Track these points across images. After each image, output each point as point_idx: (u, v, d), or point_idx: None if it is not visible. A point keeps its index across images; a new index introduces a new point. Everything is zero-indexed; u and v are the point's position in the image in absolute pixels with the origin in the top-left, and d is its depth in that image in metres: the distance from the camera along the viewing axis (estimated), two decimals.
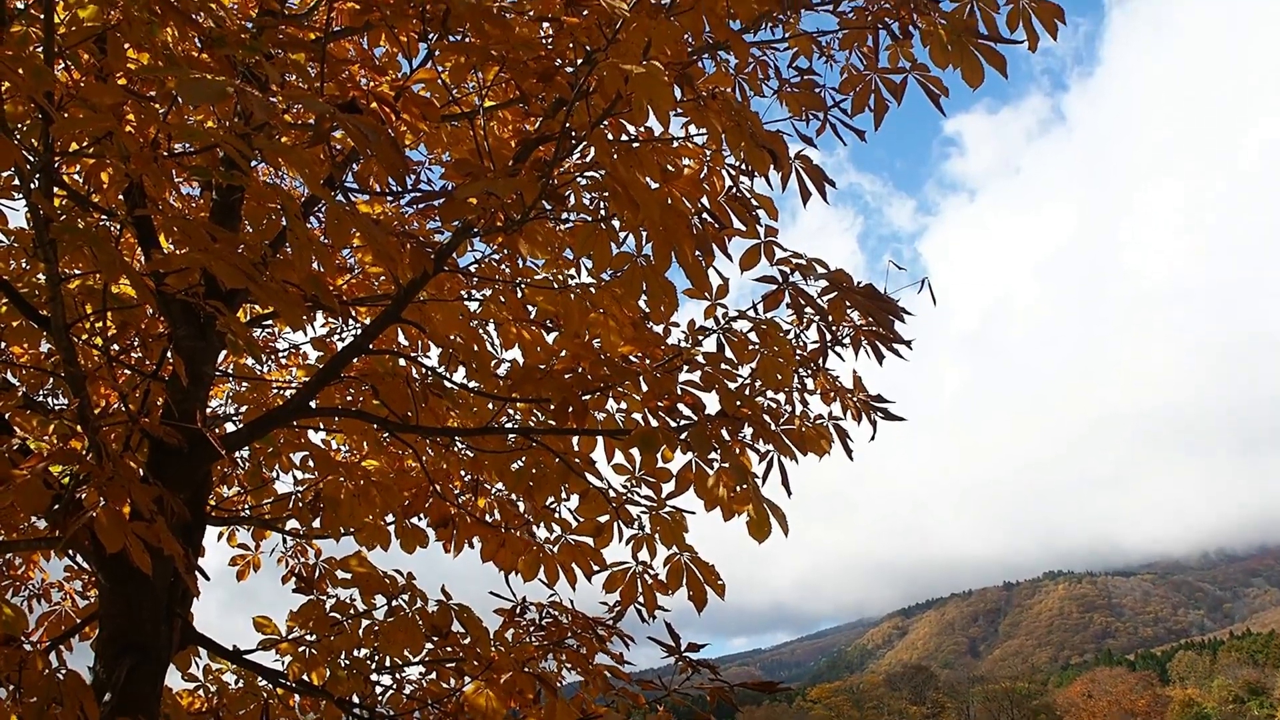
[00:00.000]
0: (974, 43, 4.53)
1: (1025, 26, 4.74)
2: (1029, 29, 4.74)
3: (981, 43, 4.54)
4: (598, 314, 4.62)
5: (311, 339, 6.02)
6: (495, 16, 3.73)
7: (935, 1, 4.58)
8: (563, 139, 3.69)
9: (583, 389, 4.37)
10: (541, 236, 4.49)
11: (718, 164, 4.63)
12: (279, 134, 3.74)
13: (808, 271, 4.39)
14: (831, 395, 4.93)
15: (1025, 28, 4.74)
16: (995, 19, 4.70)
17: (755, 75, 5.14)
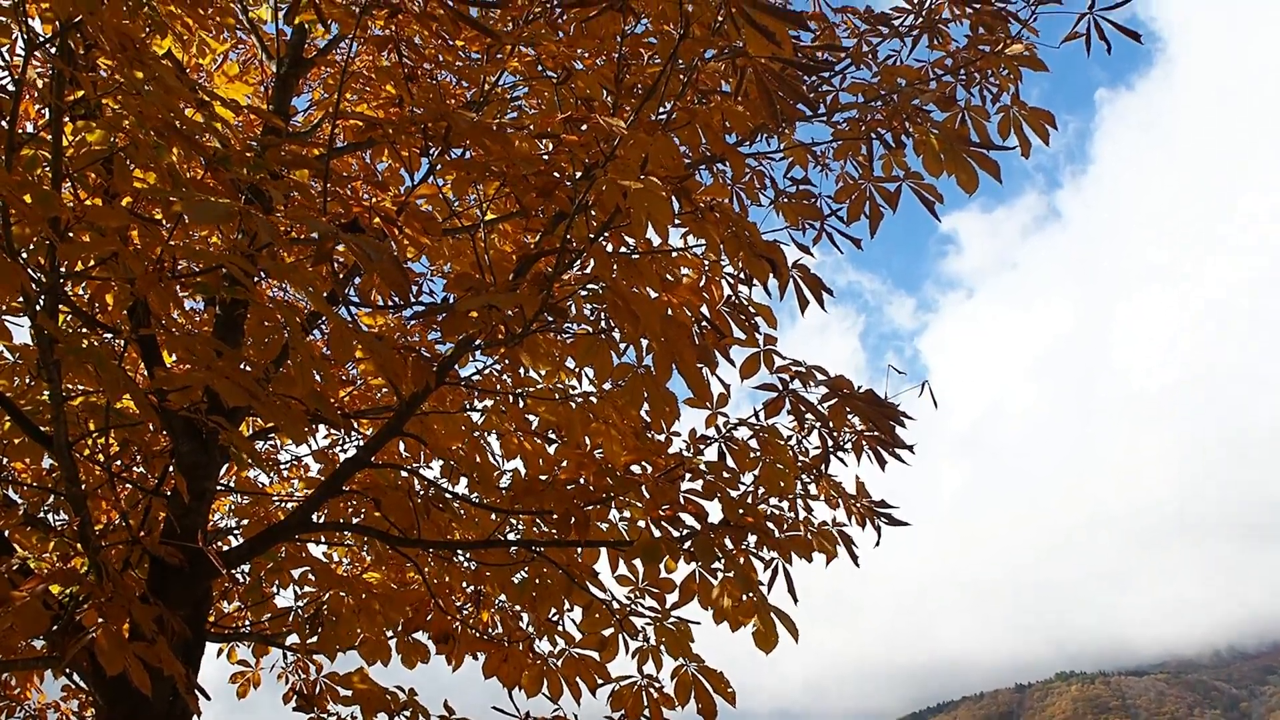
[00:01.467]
0: (967, 150, 4.60)
1: (1017, 133, 4.82)
2: (1020, 136, 4.82)
3: (974, 150, 4.61)
4: (599, 424, 4.63)
5: (313, 451, 6.02)
6: (496, 133, 3.80)
7: (927, 112, 4.65)
8: (563, 252, 3.73)
9: (585, 500, 4.36)
10: (543, 348, 4.52)
11: (716, 273, 4.68)
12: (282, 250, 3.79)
13: (808, 379, 4.41)
14: (835, 501, 4.91)
15: (1017, 134, 4.82)
16: (987, 127, 4.79)
17: (752, 185, 5.22)
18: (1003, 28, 4.80)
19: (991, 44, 4.76)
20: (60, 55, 3.44)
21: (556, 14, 4.78)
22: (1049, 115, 4.79)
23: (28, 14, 3.45)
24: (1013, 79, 4.82)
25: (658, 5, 4.07)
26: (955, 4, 4.88)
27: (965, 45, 4.83)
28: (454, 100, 5.35)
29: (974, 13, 4.82)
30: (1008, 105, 4.77)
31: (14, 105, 3.34)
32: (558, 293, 4.11)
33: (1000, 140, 4.78)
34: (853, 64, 4.90)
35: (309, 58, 5.76)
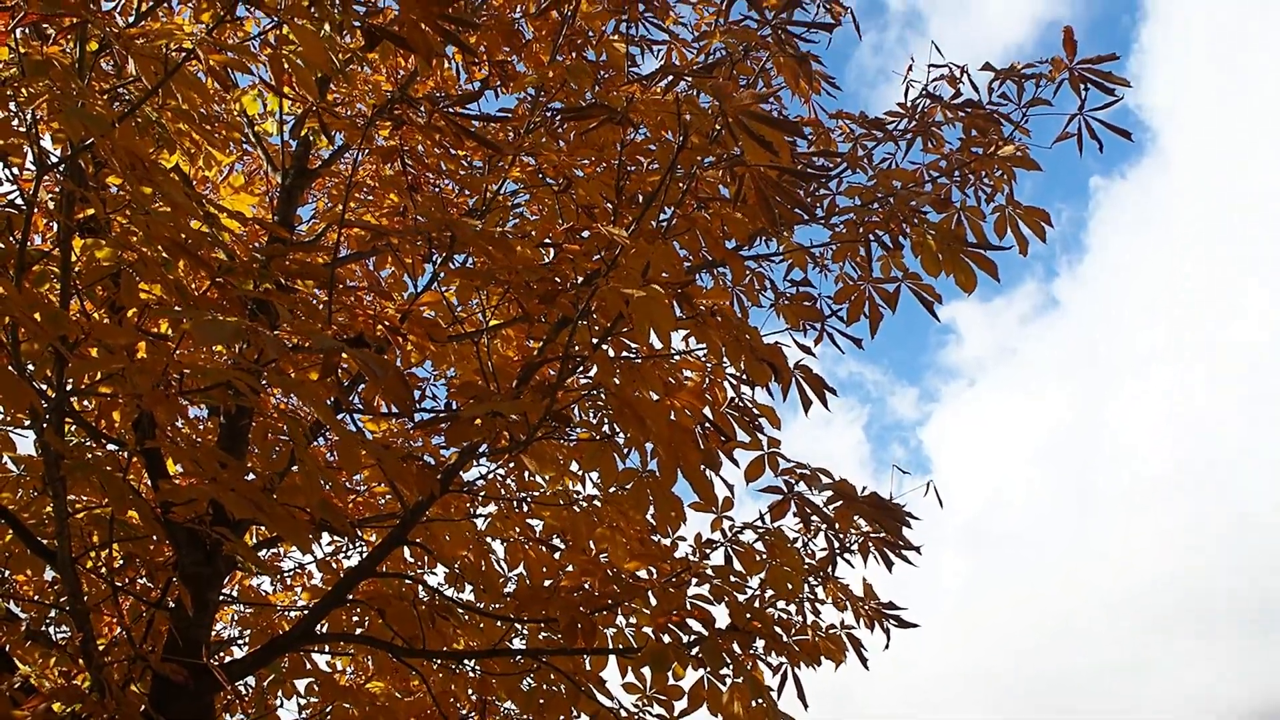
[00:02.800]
0: (964, 251, 4.65)
1: (1014, 232, 4.87)
2: (1017, 234, 4.87)
3: (972, 250, 4.66)
4: (605, 529, 4.62)
5: (317, 560, 5.99)
6: (499, 241, 3.85)
7: (923, 213, 4.71)
8: (566, 359, 3.76)
9: (591, 607, 4.32)
10: (547, 453, 4.52)
11: (719, 376, 4.70)
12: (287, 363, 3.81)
13: (812, 481, 4.41)
14: (843, 603, 4.88)
15: (1014, 233, 4.87)
16: (983, 227, 4.84)
17: (752, 287, 5.27)
18: (995, 129, 4.88)
19: (984, 146, 4.84)
20: (71, 175, 3.50)
21: (556, 124, 4.87)
22: (1044, 213, 4.85)
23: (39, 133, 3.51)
24: (1007, 179, 4.88)
25: (656, 115, 4.14)
26: (947, 108, 4.97)
27: (958, 147, 4.90)
28: (456, 208, 5.42)
29: (966, 116, 4.90)
30: (1003, 205, 4.82)
31: (25, 224, 3.39)
32: (561, 399, 4.13)
33: (997, 239, 4.83)
34: (849, 168, 4.98)
35: (313, 168, 5.86)
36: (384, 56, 5.84)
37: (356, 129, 4.68)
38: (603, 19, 5.26)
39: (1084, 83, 4.54)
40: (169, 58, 3.36)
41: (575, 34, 5.24)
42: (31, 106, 2.98)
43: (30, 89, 2.94)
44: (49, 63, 2.94)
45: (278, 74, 3.84)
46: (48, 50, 3.32)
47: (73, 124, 2.75)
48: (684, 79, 4.20)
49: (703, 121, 3.74)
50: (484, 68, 5.62)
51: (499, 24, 5.26)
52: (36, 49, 3.27)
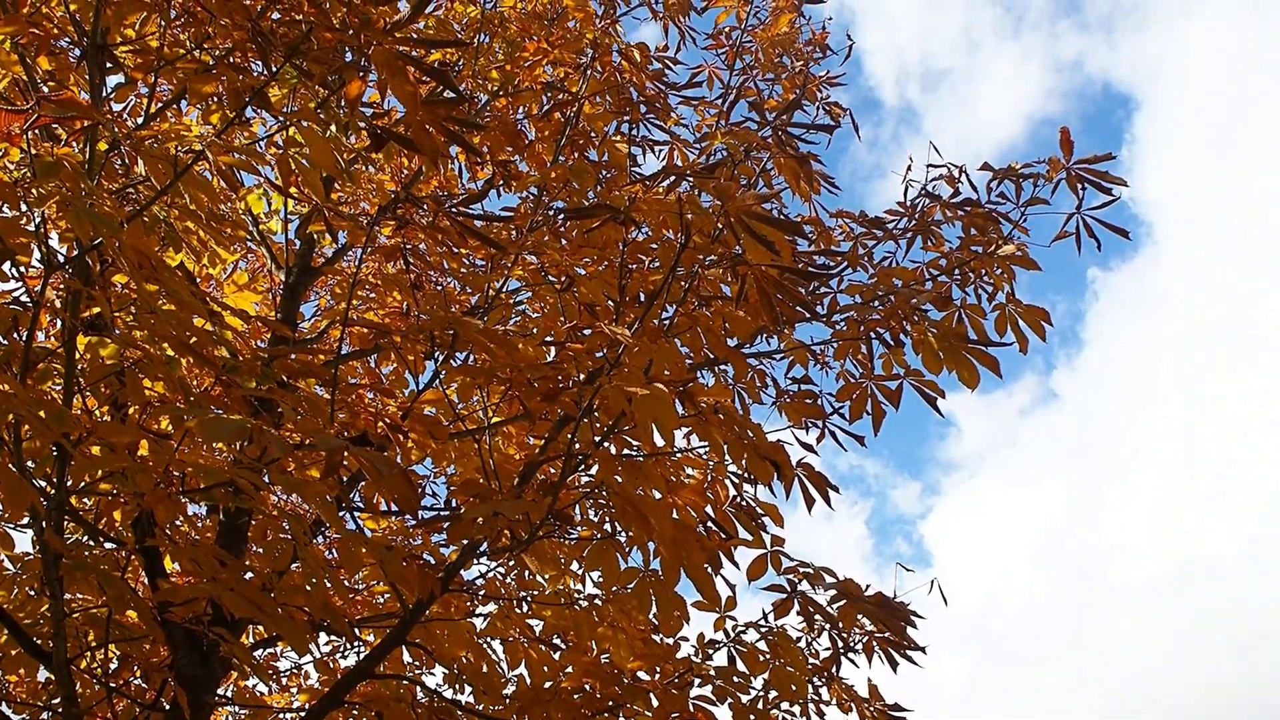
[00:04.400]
0: (966, 348, 4.67)
1: (1014, 330, 4.89)
2: (1017, 332, 4.88)
3: (973, 348, 4.68)
4: (606, 629, 4.57)
5: (314, 660, 5.91)
6: (501, 339, 3.86)
7: (924, 311, 4.74)
8: (568, 457, 3.75)
9: (593, 709, 4.26)
10: (548, 552, 4.49)
11: (721, 473, 4.69)
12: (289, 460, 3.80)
13: (816, 580, 4.38)
14: (848, 705, 4.80)
15: (1014, 331, 4.89)
16: (984, 324, 4.86)
17: (754, 385, 5.28)
18: (994, 228, 4.93)
19: (984, 244, 4.88)
20: (77, 274, 3.53)
21: (559, 223, 4.92)
22: (1044, 312, 4.87)
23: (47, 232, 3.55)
24: (1006, 277, 4.91)
25: (657, 214, 4.18)
26: (946, 207, 5.03)
27: (958, 246, 4.95)
28: (458, 306, 5.45)
29: (965, 215, 4.96)
30: (1003, 303, 4.85)
31: (31, 322, 3.41)
32: (563, 497, 4.11)
33: (998, 336, 4.85)
34: (849, 266, 5.02)
35: (316, 266, 5.90)
36: (388, 157, 5.93)
37: (360, 228, 4.72)
38: (605, 120, 5.35)
39: (1081, 182, 4.60)
40: (178, 158, 3.41)
41: (578, 134, 5.32)
42: (41, 207, 3.01)
43: (40, 189, 2.98)
44: (59, 164, 2.98)
45: (284, 174, 3.89)
46: (58, 151, 3.36)
47: (81, 223, 2.77)
48: (686, 179, 4.26)
49: (704, 221, 3.78)
50: (487, 167, 5.71)
51: (502, 125, 5.35)
52: (48, 150, 3.31)
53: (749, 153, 4.72)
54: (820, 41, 6.13)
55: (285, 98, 5.03)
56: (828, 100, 6.04)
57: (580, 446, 3.82)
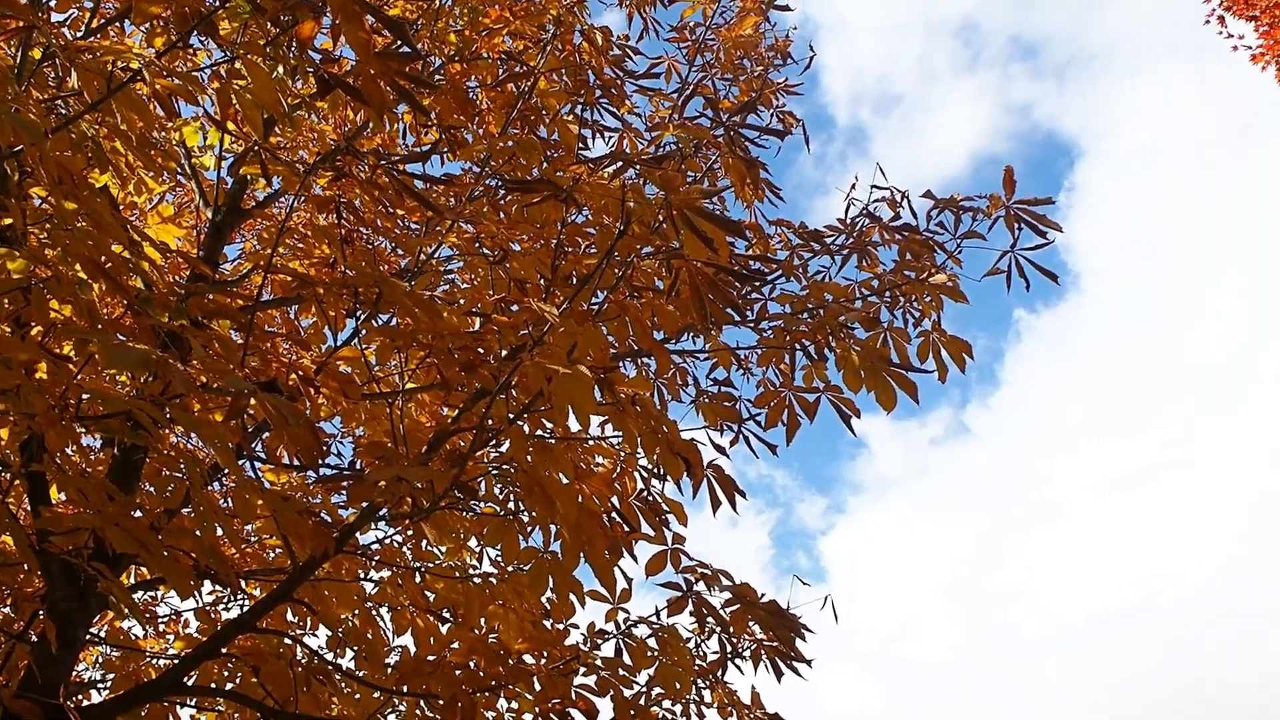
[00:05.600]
0: (887, 370, 4.68)
1: (935, 358, 4.92)
2: (939, 361, 4.92)
3: (894, 370, 4.69)
4: (498, 607, 4.52)
5: (196, 608, 5.78)
6: (427, 304, 3.79)
7: (851, 329, 4.75)
8: (480, 431, 3.70)
9: (474, 686, 4.21)
10: (449, 524, 4.43)
11: (631, 465, 4.66)
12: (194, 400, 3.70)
13: (712, 581, 4.37)
14: (729, 709, 4.81)
15: (935, 359, 4.92)
16: (907, 349, 4.89)
17: (675, 382, 5.26)
18: (929, 256, 4.96)
19: (917, 270, 4.91)
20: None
21: (500, 196, 4.86)
22: (967, 345, 4.91)
23: None
24: (935, 306, 4.95)
25: (600, 199, 4.15)
26: (885, 229, 5.05)
27: (892, 269, 4.97)
28: (387, 266, 5.37)
29: (902, 239, 4.98)
30: (928, 331, 4.88)
31: None
32: (470, 470, 4.05)
33: (919, 363, 4.87)
34: (783, 275, 5.02)
35: (246, 208, 5.76)
36: (334, 107, 5.81)
37: (296, 175, 4.62)
38: (559, 99, 5.29)
39: (1018, 221, 4.64)
40: (114, 75, 3.29)
41: (529, 110, 5.26)
42: None
43: None
44: None
45: (224, 108, 3.77)
46: None
47: (2, 127, 2.66)
48: (633, 167, 4.22)
49: (646, 211, 3.75)
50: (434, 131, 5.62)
51: (454, 90, 5.26)
52: None
53: (699, 149, 4.70)
54: (782, 49, 6.13)
55: (235, 31, 4.90)
56: (782, 108, 6.04)
57: (494, 422, 3.77)
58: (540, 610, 4.60)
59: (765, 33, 6.10)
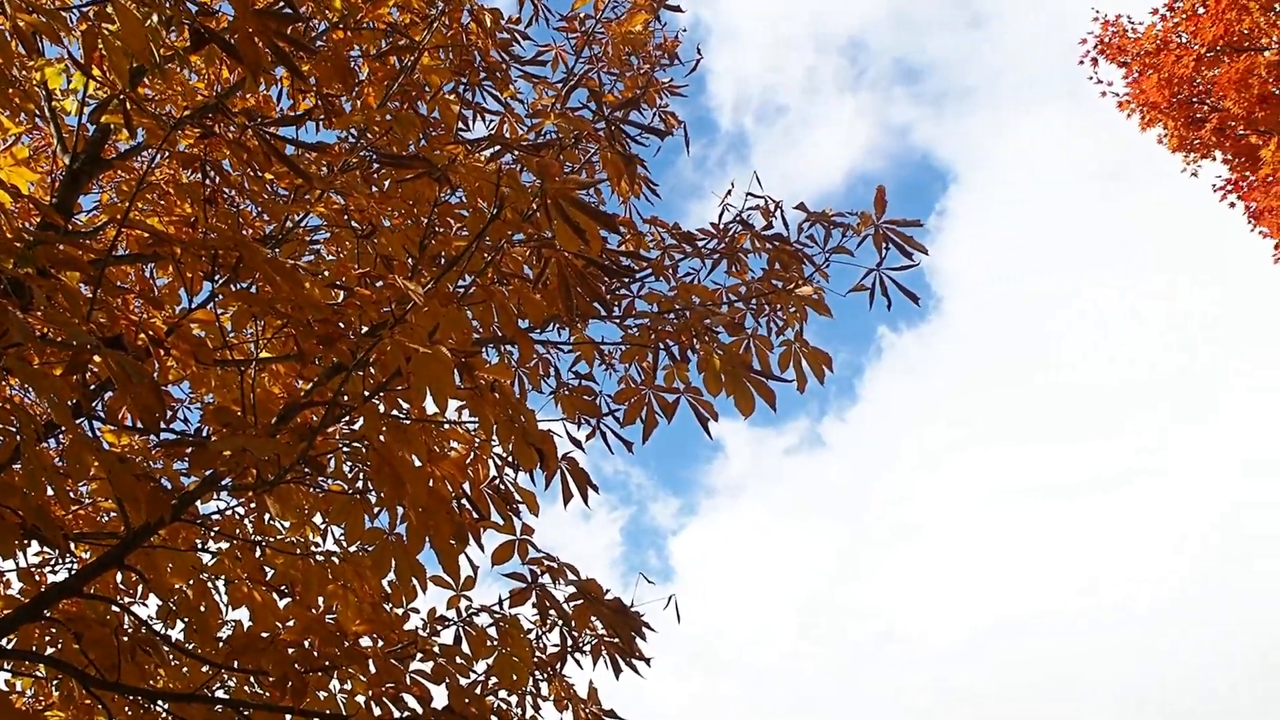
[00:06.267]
0: (748, 376, 4.73)
1: (795, 368, 4.98)
2: (799, 371, 4.98)
3: (754, 377, 4.74)
4: (338, 586, 4.44)
5: (19, 569, 5.54)
6: (289, 272, 3.70)
7: (715, 332, 4.79)
8: (333, 406, 3.63)
9: (307, 665, 4.12)
10: (293, 499, 4.33)
11: (485, 452, 4.62)
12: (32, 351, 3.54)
13: (558, 575, 4.36)
14: (565, 704, 4.81)
15: (795, 369, 4.98)
16: (769, 357, 4.95)
17: (536, 372, 5.24)
18: (797, 267, 5.02)
19: (785, 281, 4.97)
20: None
21: (373, 169, 4.77)
22: (827, 357, 4.99)
23: None
24: (800, 317, 5.01)
25: (475, 181, 4.10)
26: (757, 237, 5.10)
27: (761, 277, 5.02)
28: (251, 231, 5.23)
29: (773, 249, 5.04)
30: (791, 341, 4.94)
31: None
32: (319, 445, 3.97)
33: (780, 372, 4.93)
34: (653, 274, 5.03)
35: (107, 158, 5.56)
36: (208, 62, 5.64)
37: (162, 128, 4.47)
38: (442, 76, 5.22)
39: (887, 241, 4.73)
40: None
41: (411, 85, 5.18)
42: None
43: None
44: None
45: (90, 51, 3.63)
46: None
47: None
48: (511, 152, 4.19)
49: (521, 198, 3.72)
50: (310, 98, 5.49)
51: (335, 57, 5.15)
52: None
53: (579, 140, 4.68)
54: (670, 49, 6.15)
55: None
56: (665, 108, 6.07)
57: (348, 398, 3.70)
58: (380, 593, 4.53)
59: (655, 31, 6.11)
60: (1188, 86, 14.76)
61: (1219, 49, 13.98)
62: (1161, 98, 14.88)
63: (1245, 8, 13.35)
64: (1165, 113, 15.09)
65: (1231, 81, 13.93)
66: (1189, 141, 15.23)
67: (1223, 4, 13.54)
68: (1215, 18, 13.72)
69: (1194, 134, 15.06)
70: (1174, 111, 15.02)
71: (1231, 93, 13.98)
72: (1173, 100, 14.87)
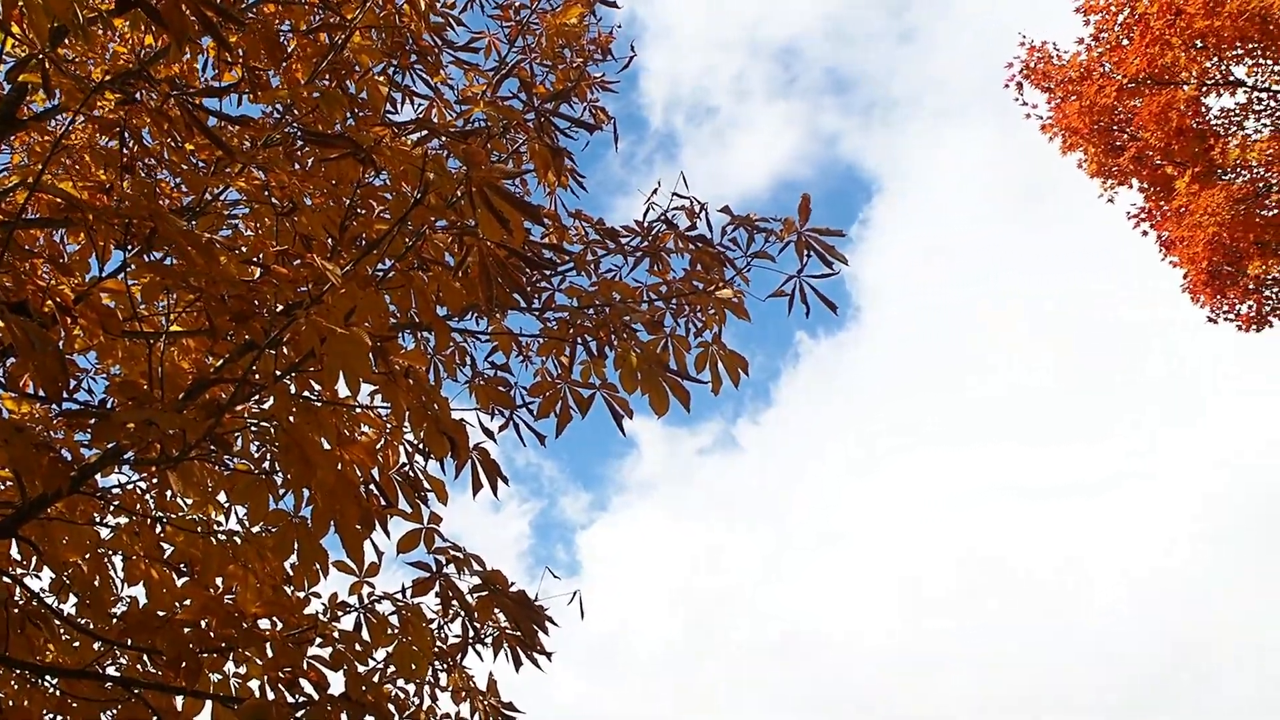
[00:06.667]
0: (664, 376, 4.75)
1: (712, 370, 5.01)
2: (714, 373, 5.01)
3: (670, 377, 4.76)
4: (238, 567, 4.37)
5: None
6: (205, 245, 3.64)
7: (634, 330, 4.80)
8: (243, 384, 3.57)
9: (203, 646, 4.05)
10: (197, 476, 4.26)
11: (397, 438, 4.59)
12: None
13: (464, 565, 4.34)
14: (463, 695, 4.79)
15: (712, 371, 5.01)
16: (686, 358, 4.97)
17: (452, 359, 5.20)
18: (719, 270, 5.05)
19: (706, 282, 5.00)
20: None
21: (297, 146, 4.71)
22: (744, 361, 5.02)
23: None
24: (719, 319, 5.04)
25: (400, 165, 4.06)
26: (680, 238, 5.12)
27: (682, 277, 5.05)
28: (169, 202, 5.13)
29: (696, 250, 5.07)
30: (709, 342, 4.97)
31: None
32: (227, 422, 3.91)
33: (696, 373, 4.96)
34: (575, 268, 5.03)
35: (21, 119, 5.41)
36: (132, 27, 5.52)
37: (81, 91, 4.36)
38: (373, 57, 5.16)
39: (809, 249, 4.78)
40: None
41: (340, 63, 5.12)
42: None
43: None
44: None
45: (9, 8, 3.54)
46: None
47: None
48: (439, 137, 4.16)
49: (446, 184, 3.70)
50: (237, 70, 5.40)
51: (264, 30, 5.07)
52: None
53: (507, 130, 4.67)
54: (604, 44, 6.15)
55: None
56: (596, 103, 6.06)
57: (259, 376, 3.64)
58: (282, 575, 4.47)
59: (590, 25, 6.10)
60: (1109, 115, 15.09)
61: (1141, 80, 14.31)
62: (1083, 124, 15.18)
63: (1168, 43, 13.68)
64: (1086, 139, 15.41)
65: (1151, 114, 14.27)
66: (1108, 168, 15.57)
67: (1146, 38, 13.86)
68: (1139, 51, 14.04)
69: (1113, 161, 15.40)
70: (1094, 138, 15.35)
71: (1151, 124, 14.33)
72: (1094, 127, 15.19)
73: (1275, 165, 14.23)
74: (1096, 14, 14.82)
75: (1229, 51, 13.75)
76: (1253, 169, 14.41)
